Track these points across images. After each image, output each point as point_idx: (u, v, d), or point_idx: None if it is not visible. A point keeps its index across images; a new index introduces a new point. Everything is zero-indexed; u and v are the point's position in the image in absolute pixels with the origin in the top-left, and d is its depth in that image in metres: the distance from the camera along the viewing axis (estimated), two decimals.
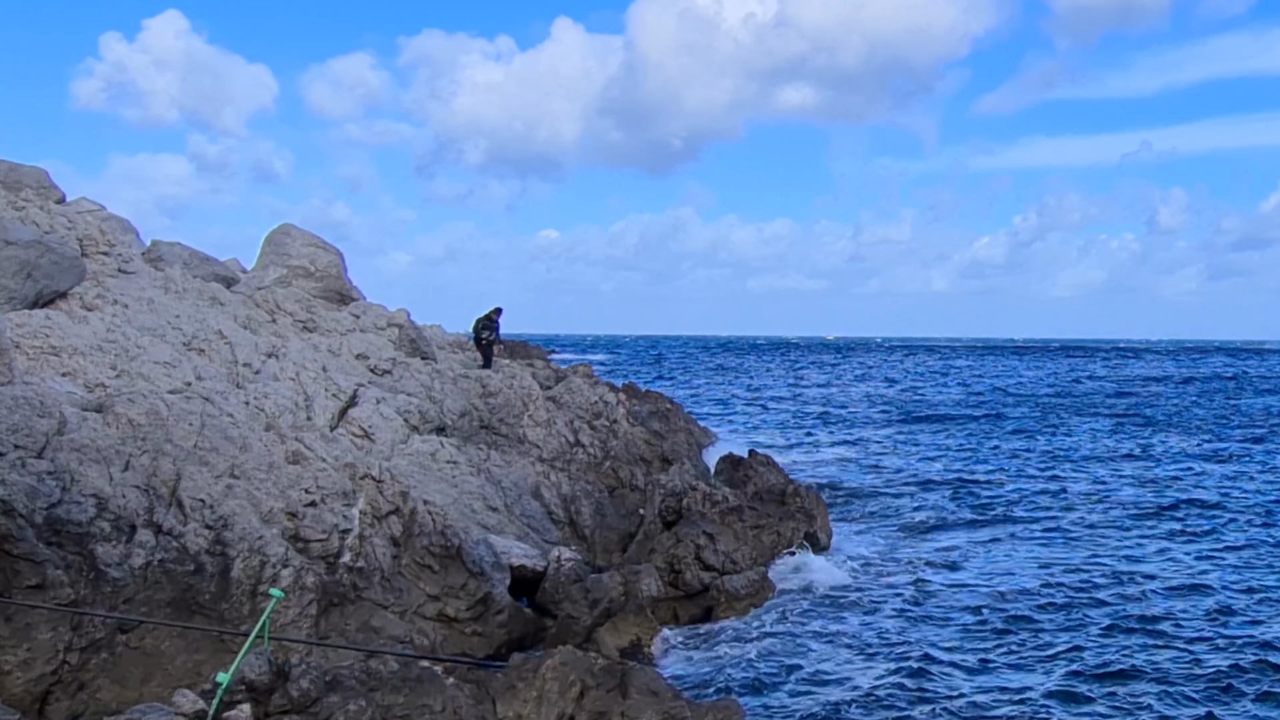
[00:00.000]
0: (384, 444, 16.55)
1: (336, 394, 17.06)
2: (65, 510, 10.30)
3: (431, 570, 13.55)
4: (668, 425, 28.75)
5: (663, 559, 16.04)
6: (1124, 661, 13.31)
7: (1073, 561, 19.09)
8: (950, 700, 11.97)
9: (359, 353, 19.77)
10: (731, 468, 23.61)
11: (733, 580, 15.50)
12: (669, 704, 8.85)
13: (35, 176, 20.25)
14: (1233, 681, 12.61)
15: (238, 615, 11.00)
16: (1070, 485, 28.26)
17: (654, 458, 23.33)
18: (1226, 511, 24.11)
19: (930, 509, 24.60)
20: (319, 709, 8.35)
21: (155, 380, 14.17)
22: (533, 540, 16.11)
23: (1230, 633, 14.65)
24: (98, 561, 10.28)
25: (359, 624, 12.13)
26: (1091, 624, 15.06)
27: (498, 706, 8.74)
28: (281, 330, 19.49)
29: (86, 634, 9.82)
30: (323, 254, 23.30)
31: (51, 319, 14.67)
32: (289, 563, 11.61)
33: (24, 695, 9.30)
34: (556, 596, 14.38)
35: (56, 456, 10.73)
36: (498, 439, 19.63)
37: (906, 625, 14.96)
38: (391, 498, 13.86)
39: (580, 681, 8.81)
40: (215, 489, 11.89)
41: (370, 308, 23.39)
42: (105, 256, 18.15)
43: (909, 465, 32.23)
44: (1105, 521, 23.14)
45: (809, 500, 20.03)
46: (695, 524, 16.91)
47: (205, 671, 9.99)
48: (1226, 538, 21.32)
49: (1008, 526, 22.68)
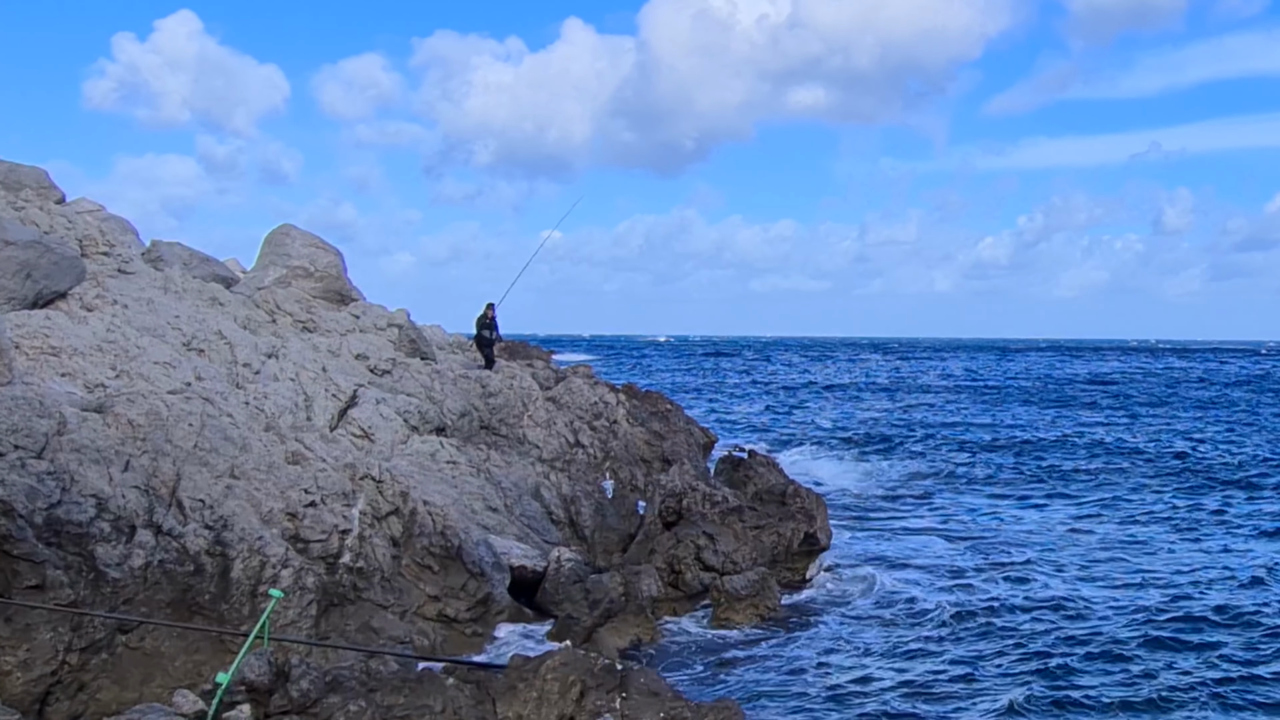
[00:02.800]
0: (384, 444, 16.54)
1: (336, 394, 17.05)
2: (65, 511, 10.30)
3: (431, 571, 13.55)
4: (668, 425, 28.73)
5: (663, 559, 16.04)
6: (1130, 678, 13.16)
7: (1079, 567, 19.07)
8: (950, 700, 11.97)
9: (359, 353, 19.76)
10: (731, 468, 23.59)
11: (733, 581, 15.49)
12: (669, 704, 8.85)
13: (35, 176, 20.22)
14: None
15: (238, 616, 11.00)
16: (1079, 490, 28.24)
17: (654, 458, 23.33)
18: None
19: (934, 509, 24.59)
20: (319, 709, 8.36)
21: (155, 381, 14.17)
22: (533, 541, 16.10)
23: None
24: (98, 562, 10.28)
25: (359, 624, 12.13)
26: (1093, 639, 15.00)
27: (498, 707, 8.74)
28: (281, 330, 19.49)
29: (86, 634, 9.82)
30: (322, 254, 23.29)
31: (51, 319, 14.66)
32: (289, 563, 11.61)
33: (24, 695, 9.30)
34: (557, 597, 14.38)
35: (56, 457, 10.72)
36: (498, 439, 19.62)
37: (907, 625, 14.96)
38: (391, 498, 13.85)
39: (580, 682, 8.82)
40: (215, 489, 11.89)
41: (370, 308, 23.38)
42: (105, 257, 18.14)
43: (910, 465, 32.23)
44: (1113, 528, 23.13)
45: (809, 501, 20.00)
46: (695, 524, 16.90)
47: (205, 672, 9.99)
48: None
49: (1014, 524, 22.68)
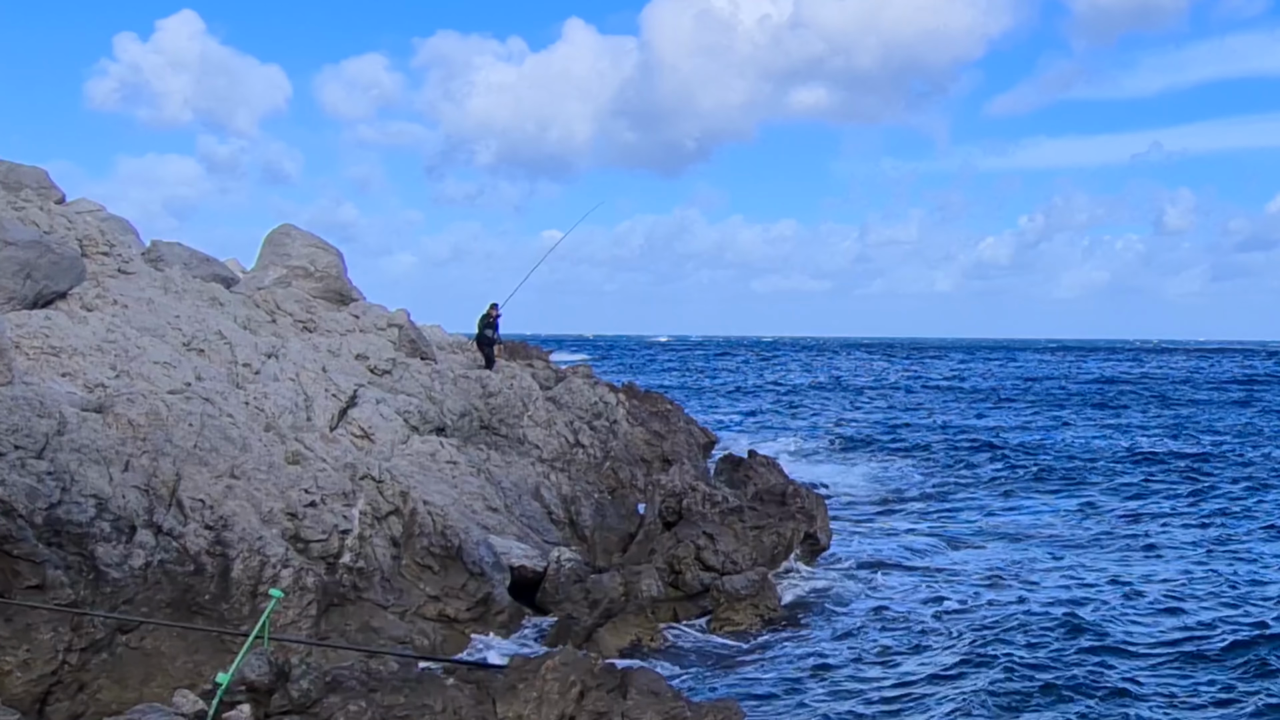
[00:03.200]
0: (384, 444, 16.54)
1: (336, 394, 17.05)
2: (65, 511, 10.30)
3: (432, 571, 13.55)
4: (668, 426, 28.73)
5: (663, 559, 16.04)
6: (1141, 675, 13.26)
7: (1078, 569, 19.05)
8: (951, 700, 11.96)
9: (359, 353, 19.75)
10: (731, 468, 23.61)
11: (733, 581, 15.48)
12: (669, 704, 8.85)
13: (35, 176, 20.20)
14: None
15: (238, 616, 11.00)
16: (1077, 492, 28.22)
17: (654, 458, 23.34)
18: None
19: (933, 510, 24.58)
20: (319, 709, 8.36)
21: (155, 381, 14.16)
22: (533, 541, 16.11)
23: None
24: (98, 562, 10.29)
25: (359, 624, 12.13)
26: (1097, 639, 15.00)
27: (498, 707, 8.74)
28: (281, 331, 19.48)
29: (86, 634, 9.82)
30: (322, 254, 23.29)
31: (51, 319, 14.66)
32: (289, 563, 11.61)
33: (24, 695, 9.30)
34: (557, 597, 14.38)
35: (56, 457, 10.72)
36: (498, 439, 19.62)
37: (907, 626, 14.94)
38: (391, 498, 13.86)
39: (580, 682, 8.82)
40: (215, 489, 11.90)
41: (370, 308, 23.38)
42: (105, 257, 18.12)
43: (911, 465, 32.24)
44: (1119, 528, 23.13)
45: (809, 501, 20.00)
46: (695, 524, 16.90)
47: (205, 672, 9.99)
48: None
49: (1012, 526, 22.68)
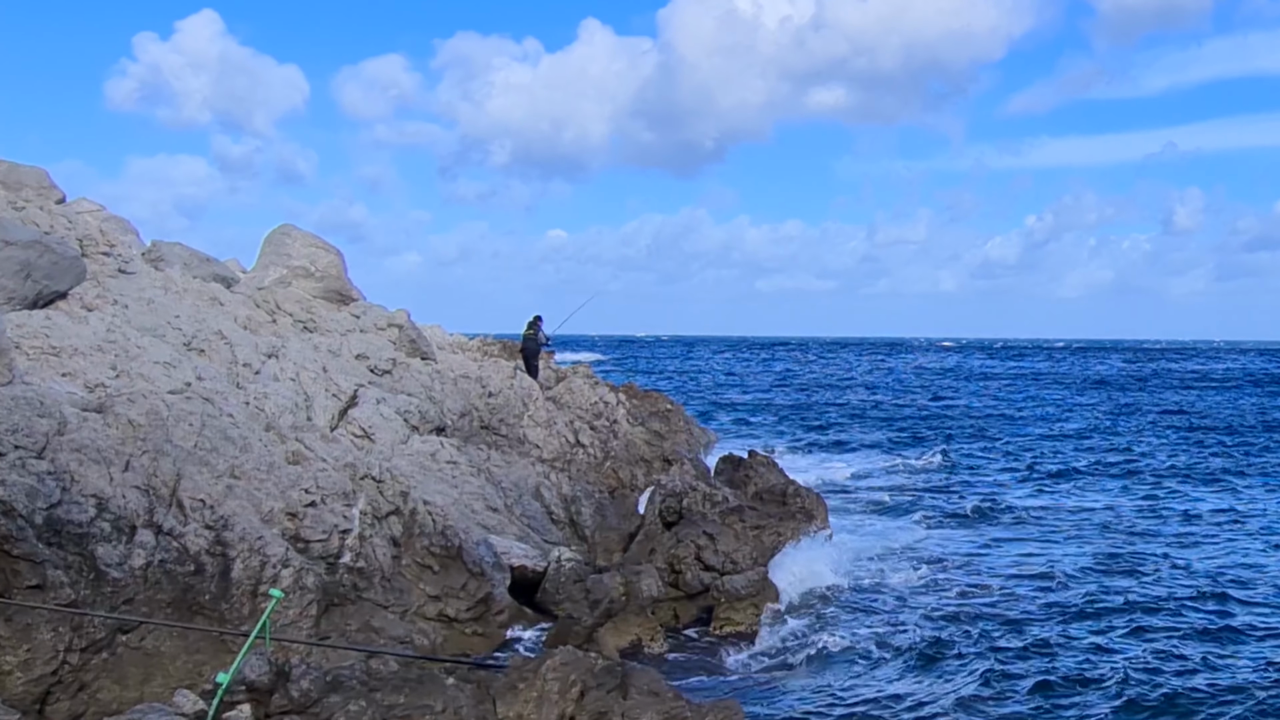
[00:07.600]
0: (384, 444, 16.54)
1: (336, 394, 17.05)
2: (65, 511, 10.30)
3: (432, 570, 13.55)
4: (668, 426, 28.74)
5: (663, 559, 16.03)
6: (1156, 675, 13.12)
7: (1081, 562, 19.07)
8: (951, 700, 11.96)
9: (359, 353, 19.75)
10: (732, 468, 23.58)
11: (733, 580, 15.47)
12: (669, 704, 8.84)
13: (35, 176, 20.19)
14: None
15: (238, 615, 11.00)
16: (1082, 487, 28.23)
17: (654, 458, 23.33)
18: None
19: (933, 509, 24.58)
20: (319, 709, 8.35)
21: (155, 380, 14.16)
22: (533, 540, 16.11)
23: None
24: (98, 562, 10.28)
25: (359, 624, 12.13)
26: (1089, 617, 15.03)
27: (498, 707, 8.73)
28: (281, 330, 19.48)
29: (86, 634, 9.81)
30: (323, 254, 23.28)
31: (51, 319, 14.66)
32: (289, 563, 11.61)
33: (24, 695, 9.29)
34: (557, 597, 14.38)
35: (56, 457, 10.72)
36: (498, 439, 19.62)
37: (909, 625, 14.94)
38: (392, 498, 13.86)
39: (581, 682, 8.80)
40: (215, 489, 11.89)
41: (370, 308, 23.38)
42: (105, 257, 18.12)
43: (914, 464, 32.23)
44: (1115, 521, 23.14)
45: (809, 500, 20.00)
46: (695, 524, 16.89)
47: (205, 672, 9.98)
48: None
49: (1012, 527, 22.68)
